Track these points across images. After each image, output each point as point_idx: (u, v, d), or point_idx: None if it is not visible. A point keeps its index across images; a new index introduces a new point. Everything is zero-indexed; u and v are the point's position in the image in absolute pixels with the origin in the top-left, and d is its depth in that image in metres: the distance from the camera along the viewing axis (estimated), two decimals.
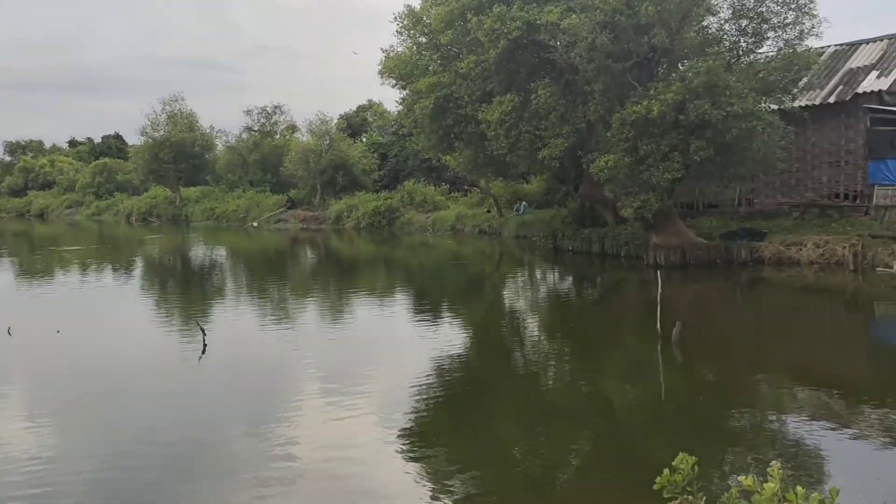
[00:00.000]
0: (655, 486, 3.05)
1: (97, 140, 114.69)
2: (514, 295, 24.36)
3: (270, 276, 30.20)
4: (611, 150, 25.16)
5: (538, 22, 25.42)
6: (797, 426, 10.09)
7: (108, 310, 21.85)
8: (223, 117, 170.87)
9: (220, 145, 69.53)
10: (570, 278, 27.34)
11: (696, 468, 3.05)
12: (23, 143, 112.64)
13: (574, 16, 24.79)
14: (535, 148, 27.82)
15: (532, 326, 18.99)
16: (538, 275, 29.03)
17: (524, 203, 42.53)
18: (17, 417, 11.36)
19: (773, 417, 10.68)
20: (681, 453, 3.05)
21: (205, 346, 15.27)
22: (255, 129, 67.53)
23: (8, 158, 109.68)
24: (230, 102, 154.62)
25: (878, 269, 23.07)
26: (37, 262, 37.01)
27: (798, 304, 20.79)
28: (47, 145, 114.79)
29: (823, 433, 9.73)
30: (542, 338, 17.42)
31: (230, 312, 20.75)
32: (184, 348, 15.58)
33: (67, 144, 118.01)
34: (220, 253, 41.46)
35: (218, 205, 62.18)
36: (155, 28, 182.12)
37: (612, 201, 31.00)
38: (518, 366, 14.57)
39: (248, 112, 67.71)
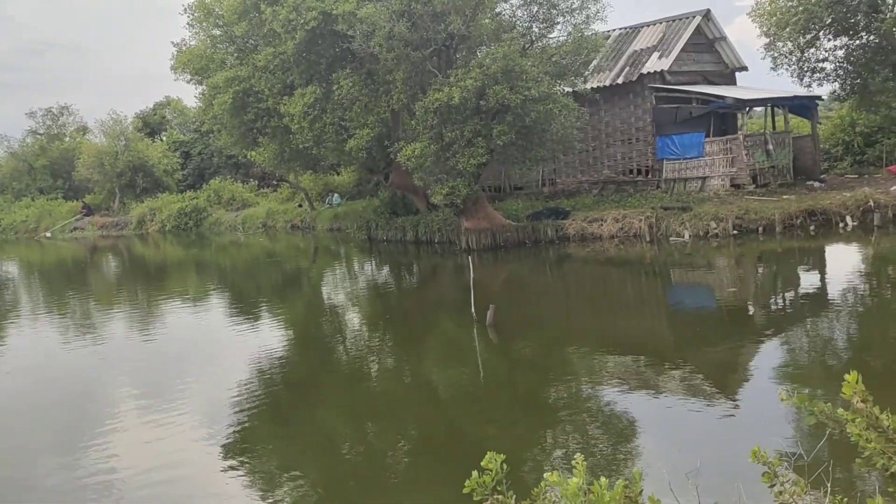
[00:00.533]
0: (465, 490, 2.95)
1: None
2: (332, 289, 24.09)
3: (69, 289, 28.15)
4: (417, 139, 25.37)
5: (335, 12, 25.10)
6: (610, 397, 10.54)
7: None
8: (3, 121, 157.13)
9: (1, 152, 64.26)
10: (387, 268, 27.39)
11: (505, 466, 2.99)
12: None
13: (370, 5, 24.69)
14: (341, 139, 27.58)
15: (351, 320, 18.83)
16: (355, 267, 28.87)
17: (336, 195, 42.23)
18: None
19: (588, 390, 11.11)
20: (489, 453, 2.98)
21: None
22: (41, 132, 62.83)
23: None
24: (11, 105, 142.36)
25: (670, 238, 24.70)
26: None
27: (602, 276, 21.87)
28: None
29: (634, 401, 10.22)
30: (363, 331, 17.31)
31: (24, 333, 19.15)
32: None
33: None
34: (9, 269, 38.24)
35: (4, 216, 57.47)
36: None
37: (422, 189, 31.29)
38: (340, 361, 14.36)
39: (32, 114, 62.99)
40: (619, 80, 31.10)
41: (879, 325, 13.56)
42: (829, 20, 30.44)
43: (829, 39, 32.30)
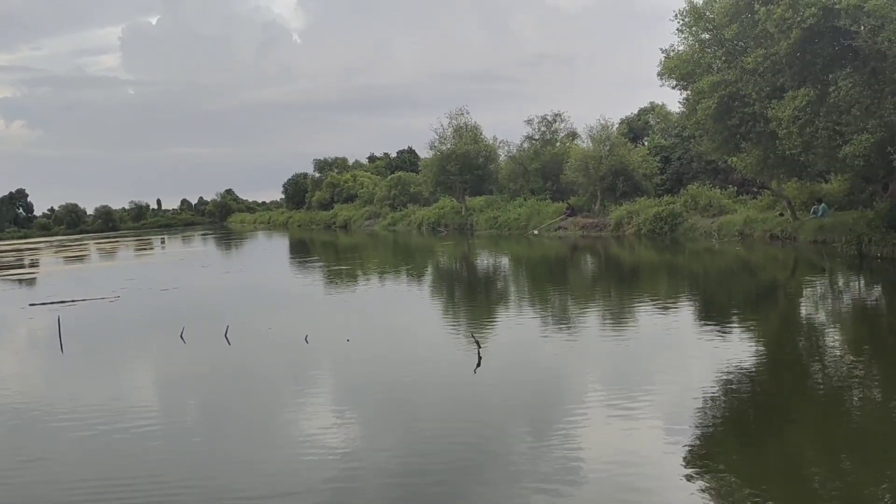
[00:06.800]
0: None
1: (393, 155, 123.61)
2: (812, 306, 22.25)
3: (549, 283, 30.29)
4: None
5: (837, 6, 23.14)
6: None
7: (394, 318, 23.03)
8: (504, 127, 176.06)
9: (502, 155, 71.29)
10: (878, 288, 24.52)
11: None
12: (329, 160, 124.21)
13: None
14: (834, 145, 25.41)
15: (832, 342, 17.17)
16: (840, 284, 26.32)
17: (822, 205, 38.98)
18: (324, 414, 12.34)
19: None
20: None
21: (480, 358, 15.49)
22: (536, 137, 68.46)
23: (317, 175, 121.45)
24: (511, 112, 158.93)
25: None
26: (338, 271, 40.45)
27: None
28: (350, 161, 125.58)
29: None
30: (845, 355, 15.63)
31: (510, 321, 21.10)
32: (460, 360, 15.93)
33: (367, 160, 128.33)
34: (503, 261, 42.45)
35: (500, 213, 63.78)
36: (441, 46, 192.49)
37: None
38: (815, 385, 13.18)
39: (529, 121, 68.89)
40: None
41: None
42: None
43: None
